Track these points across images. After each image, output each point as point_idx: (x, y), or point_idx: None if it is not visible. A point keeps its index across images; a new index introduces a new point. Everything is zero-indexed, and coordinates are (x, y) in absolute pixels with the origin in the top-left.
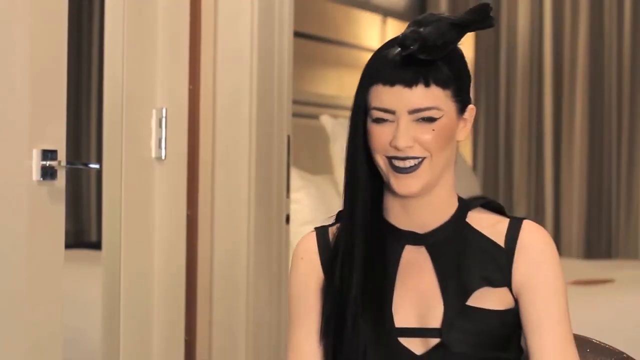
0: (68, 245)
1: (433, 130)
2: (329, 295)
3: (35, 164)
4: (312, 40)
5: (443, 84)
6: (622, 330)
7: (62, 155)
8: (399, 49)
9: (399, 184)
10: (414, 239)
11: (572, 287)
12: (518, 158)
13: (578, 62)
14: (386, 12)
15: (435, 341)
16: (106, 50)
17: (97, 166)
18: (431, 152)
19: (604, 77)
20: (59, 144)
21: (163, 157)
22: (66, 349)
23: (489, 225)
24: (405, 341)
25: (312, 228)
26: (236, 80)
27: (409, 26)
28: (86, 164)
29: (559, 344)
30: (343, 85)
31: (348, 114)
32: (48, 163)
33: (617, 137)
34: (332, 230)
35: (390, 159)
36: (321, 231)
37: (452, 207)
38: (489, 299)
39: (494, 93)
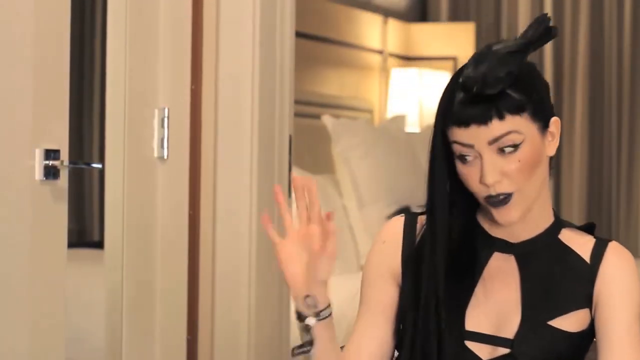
0: (70, 245)
1: (519, 161)
2: (405, 285)
3: (38, 163)
4: (314, 40)
5: (517, 110)
6: None
7: (64, 155)
8: (465, 95)
9: (499, 215)
10: (504, 247)
11: None
12: None
13: (578, 62)
14: (387, 13)
15: (503, 351)
16: (108, 50)
17: (99, 166)
18: (519, 185)
19: (604, 77)
20: (62, 144)
21: (165, 157)
22: (69, 348)
23: (580, 244)
24: (472, 345)
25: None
26: (238, 80)
27: (468, 63)
28: (88, 164)
29: (628, 351)
30: (344, 85)
31: (349, 113)
32: (51, 163)
33: (617, 137)
34: (420, 220)
35: (487, 198)
36: (410, 218)
37: (546, 221)
38: (569, 321)
39: None
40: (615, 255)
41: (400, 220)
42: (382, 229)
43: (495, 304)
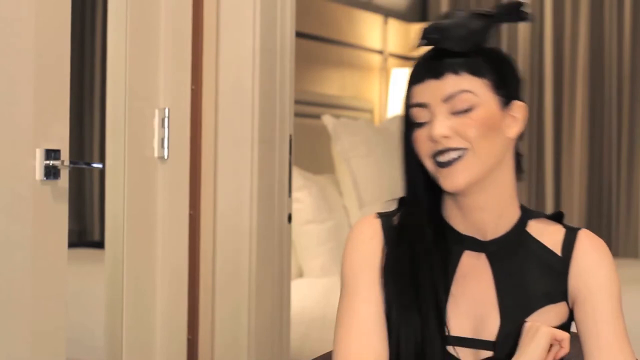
0: (71, 245)
1: (471, 119)
2: (385, 293)
3: (39, 163)
4: (314, 40)
5: (476, 72)
6: None
7: (65, 155)
8: (425, 41)
9: (444, 179)
10: (474, 245)
11: None
12: None
13: (578, 62)
14: (388, 13)
15: (486, 354)
16: (109, 50)
17: (100, 166)
18: (471, 142)
19: (604, 77)
20: (62, 144)
21: (166, 157)
22: (69, 347)
23: (548, 235)
24: (455, 350)
25: (313, 227)
26: (238, 80)
27: (437, 18)
28: (89, 164)
29: (615, 346)
30: (344, 85)
31: (349, 113)
32: (51, 163)
33: (617, 137)
34: (394, 221)
35: (434, 157)
36: (385, 220)
37: (513, 214)
38: (547, 316)
39: None
40: (587, 245)
41: (377, 221)
42: (359, 230)
43: (473, 305)
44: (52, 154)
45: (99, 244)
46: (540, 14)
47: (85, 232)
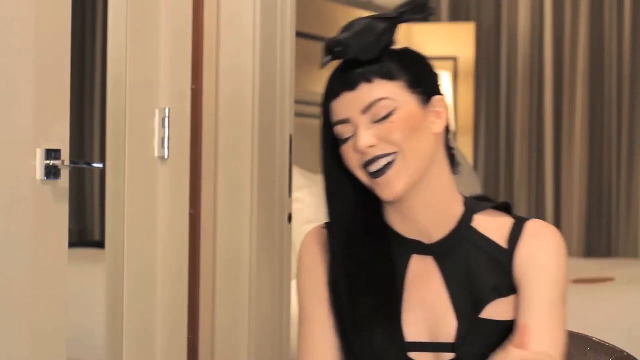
0: (72, 244)
1: (392, 122)
2: (334, 302)
3: (39, 163)
4: (314, 40)
5: (389, 76)
6: (622, 328)
7: (65, 155)
8: (329, 57)
9: (381, 189)
10: (421, 248)
11: (573, 286)
12: (519, 158)
13: (578, 62)
14: None
15: (448, 356)
16: (109, 50)
17: (100, 166)
18: (399, 146)
19: (604, 77)
20: (63, 144)
21: (166, 157)
22: (70, 347)
23: (495, 228)
24: (415, 356)
25: (314, 227)
26: (238, 80)
27: (339, 32)
28: (90, 164)
29: (547, 336)
30: None
31: None
32: (52, 162)
33: (617, 137)
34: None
35: (365, 168)
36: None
37: (456, 211)
38: (500, 310)
39: (495, 93)
40: (533, 236)
41: (321, 230)
42: (305, 241)
43: (427, 308)
44: (52, 153)
45: (100, 244)
46: (540, 14)
47: (86, 232)
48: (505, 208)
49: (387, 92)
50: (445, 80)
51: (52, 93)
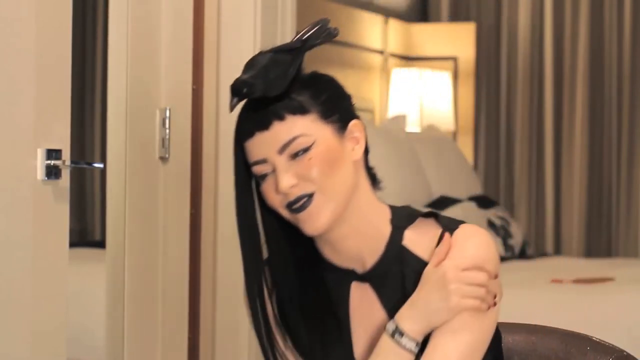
0: (72, 244)
1: (310, 159)
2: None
3: (40, 163)
4: None
5: (300, 110)
6: (622, 328)
7: (66, 155)
8: (236, 99)
9: (304, 225)
10: (357, 276)
11: (573, 286)
12: (519, 157)
13: (578, 62)
14: (388, 13)
15: None
16: (110, 50)
17: (101, 165)
18: (318, 184)
19: (604, 77)
20: (64, 144)
21: (167, 157)
22: (70, 347)
23: (425, 243)
24: None
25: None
26: None
27: (243, 68)
28: (90, 164)
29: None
30: (345, 85)
31: None
32: (52, 162)
33: (617, 137)
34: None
35: (288, 207)
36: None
37: (384, 231)
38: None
39: (495, 92)
40: (454, 247)
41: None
42: None
43: (373, 333)
44: (53, 153)
45: (100, 244)
46: (540, 14)
47: (86, 232)
48: (433, 214)
49: (301, 128)
50: (445, 81)
51: (53, 93)
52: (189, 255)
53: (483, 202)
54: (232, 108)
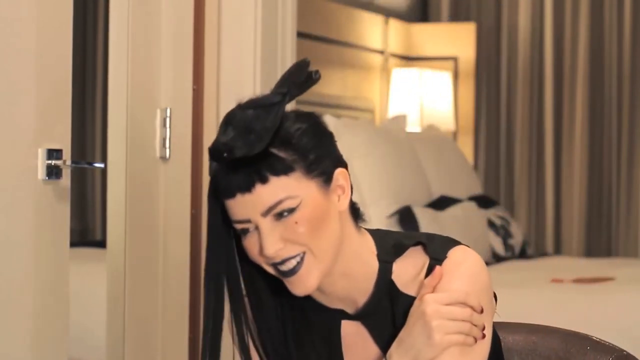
0: (73, 244)
1: (296, 223)
2: None
3: (41, 163)
4: (315, 40)
5: (283, 171)
6: (622, 328)
7: (67, 155)
8: (215, 164)
9: (293, 287)
10: (347, 315)
11: (573, 286)
12: (519, 158)
13: (578, 62)
14: (389, 13)
15: None
16: (111, 50)
17: (102, 165)
18: (306, 245)
19: (604, 77)
20: (64, 144)
21: (167, 157)
22: (71, 346)
23: (413, 277)
24: None
25: None
26: (240, 80)
27: (220, 126)
28: (91, 163)
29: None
30: (346, 86)
31: (350, 113)
32: (53, 162)
33: (617, 137)
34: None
35: (273, 265)
36: None
37: (371, 269)
38: None
39: (495, 92)
40: (442, 280)
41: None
42: None
43: None
44: (54, 153)
45: (101, 243)
46: (540, 14)
47: (87, 232)
48: (421, 242)
49: (286, 190)
50: (445, 81)
51: (54, 93)
52: (189, 255)
53: (483, 202)
54: (212, 172)
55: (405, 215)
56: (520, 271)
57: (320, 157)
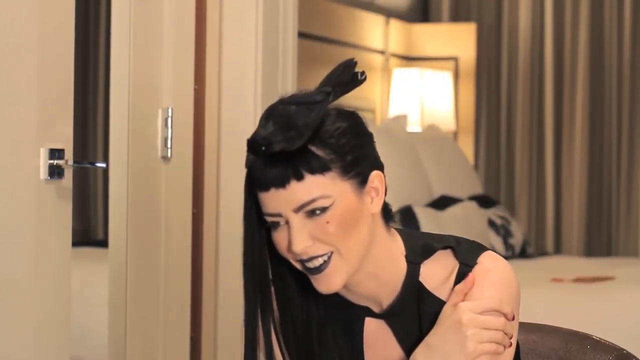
0: (75, 243)
1: (327, 222)
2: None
3: (43, 162)
4: (316, 40)
5: (320, 170)
6: (622, 327)
7: (69, 154)
8: (253, 157)
9: (318, 284)
10: (372, 313)
11: (574, 285)
12: (519, 158)
13: (578, 62)
14: (389, 13)
15: None
16: (113, 50)
17: (103, 165)
18: (334, 245)
19: (604, 77)
20: (66, 143)
21: (169, 156)
22: (73, 345)
23: (442, 281)
24: None
25: None
26: (241, 80)
27: (260, 119)
28: (93, 163)
29: None
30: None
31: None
32: (55, 162)
33: (617, 136)
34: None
35: (300, 261)
36: None
37: (400, 270)
38: None
39: (495, 92)
40: (477, 274)
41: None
42: None
43: None
44: (56, 153)
45: (103, 243)
46: (540, 14)
47: (89, 231)
48: (451, 244)
49: (321, 189)
50: (446, 81)
51: (56, 93)
52: (191, 255)
53: (483, 201)
54: (248, 164)
55: (406, 215)
56: (521, 270)
57: (358, 159)
